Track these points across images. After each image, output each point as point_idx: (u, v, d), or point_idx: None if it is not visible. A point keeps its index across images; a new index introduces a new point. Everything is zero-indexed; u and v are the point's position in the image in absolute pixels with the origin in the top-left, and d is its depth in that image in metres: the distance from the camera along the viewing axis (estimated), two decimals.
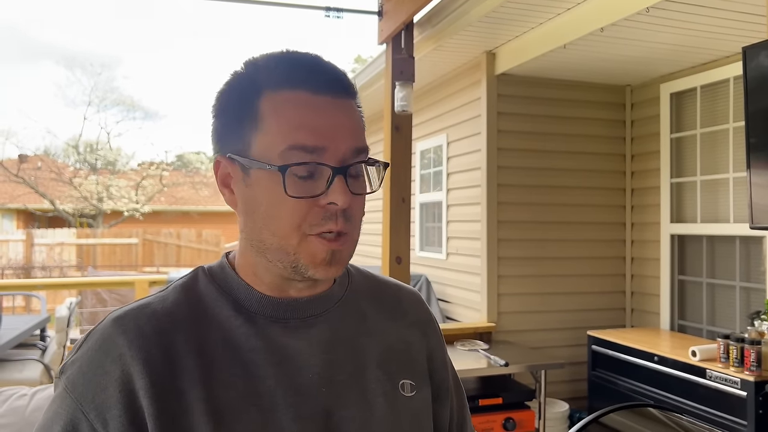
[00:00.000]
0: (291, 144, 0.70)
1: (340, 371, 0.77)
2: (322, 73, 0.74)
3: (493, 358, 3.28)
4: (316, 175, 0.71)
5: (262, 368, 0.73)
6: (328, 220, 0.71)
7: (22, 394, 1.78)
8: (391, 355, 0.83)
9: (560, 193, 4.14)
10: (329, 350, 0.77)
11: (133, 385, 0.67)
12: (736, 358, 2.79)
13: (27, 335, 4.24)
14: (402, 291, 0.93)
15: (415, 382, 0.84)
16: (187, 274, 0.80)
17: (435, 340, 0.91)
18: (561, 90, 4.14)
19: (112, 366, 0.68)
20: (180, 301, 0.75)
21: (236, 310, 0.76)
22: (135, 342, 0.69)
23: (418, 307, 0.92)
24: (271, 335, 0.75)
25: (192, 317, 0.74)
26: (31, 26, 39.82)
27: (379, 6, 3.55)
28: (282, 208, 0.71)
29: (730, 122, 3.50)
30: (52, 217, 18.52)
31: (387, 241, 3.43)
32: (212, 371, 0.70)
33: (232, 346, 0.73)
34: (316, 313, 0.79)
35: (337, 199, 0.71)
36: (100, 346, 0.70)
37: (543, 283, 4.09)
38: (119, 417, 0.66)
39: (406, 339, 0.87)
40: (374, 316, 0.85)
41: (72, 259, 14.81)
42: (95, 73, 29.49)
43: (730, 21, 2.96)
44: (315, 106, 0.72)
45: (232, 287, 0.78)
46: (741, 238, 3.46)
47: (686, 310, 3.86)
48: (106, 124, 30.52)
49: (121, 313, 0.72)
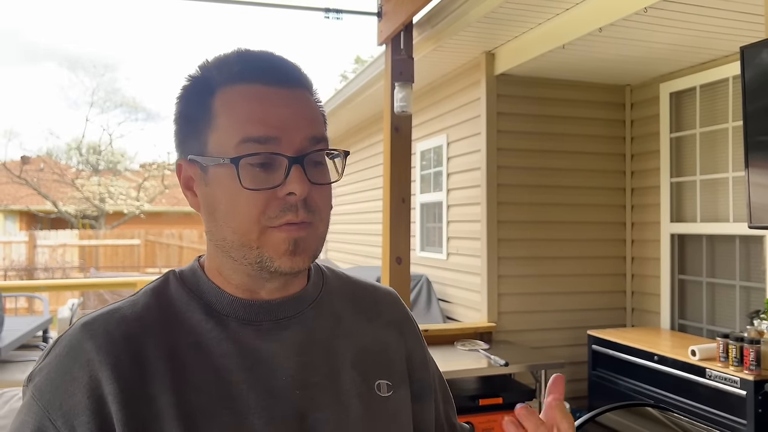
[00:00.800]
0: (243, 137, 0.69)
1: (314, 373, 0.76)
2: (272, 65, 0.74)
3: (493, 358, 3.28)
4: (273, 166, 0.70)
5: (234, 372, 0.71)
6: (287, 211, 0.70)
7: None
8: (367, 356, 0.82)
9: (560, 192, 4.14)
10: (303, 352, 0.76)
11: (102, 390, 0.66)
12: (736, 358, 2.79)
13: (29, 336, 4.26)
14: (378, 291, 0.92)
15: (392, 382, 0.83)
16: (158, 278, 0.79)
17: (413, 339, 0.91)
18: (560, 90, 4.14)
19: (80, 372, 0.66)
20: (150, 305, 0.74)
21: (207, 314, 0.74)
22: (103, 347, 0.67)
23: (394, 306, 0.91)
24: (243, 338, 0.74)
25: (162, 321, 0.73)
26: (33, 28, 39.91)
27: (379, 7, 3.56)
28: (239, 202, 0.70)
29: (729, 122, 3.50)
30: (54, 219, 18.56)
31: (387, 241, 3.43)
32: (183, 376, 0.69)
33: (203, 350, 0.72)
34: (289, 315, 0.77)
35: (295, 189, 0.69)
36: (67, 352, 0.68)
37: (543, 283, 4.09)
38: (87, 423, 0.65)
39: (383, 339, 0.86)
40: (349, 317, 0.84)
41: (74, 260, 14.84)
42: (98, 74, 29.64)
43: (729, 21, 2.97)
44: (266, 98, 0.71)
45: (203, 290, 0.76)
46: (741, 238, 3.47)
47: (686, 310, 3.86)
48: (108, 125, 30.61)
49: (90, 319, 0.71)
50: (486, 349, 3.56)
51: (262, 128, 0.70)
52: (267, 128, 0.70)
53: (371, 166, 6.55)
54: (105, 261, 15.09)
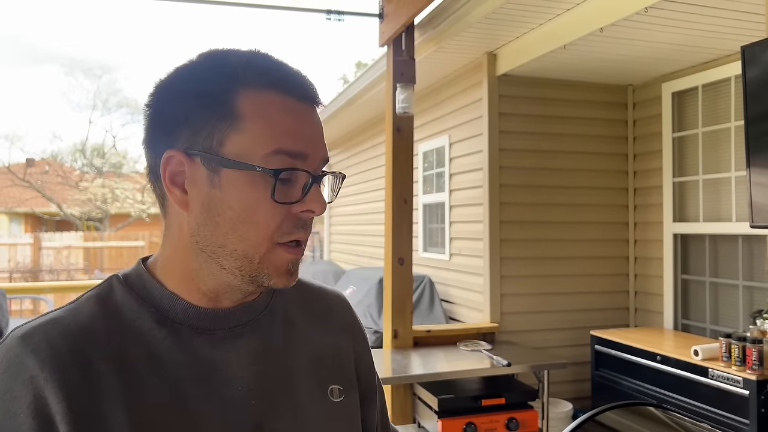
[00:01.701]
0: (278, 148, 0.67)
1: (270, 382, 0.75)
2: (302, 80, 0.74)
3: (495, 359, 3.28)
4: (293, 181, 0.70)
5: (188, 384, 0.69)
6: (299, 228, 0.70)
7: None
8: (321, 362, 0.82)
9: (562, 193, 4.14)
10: (258, 361, 0.75)
11: (49, 409, 0.61)
12: (738, 357, 2.79)
13: None
14: (328, 296, 0.91)
15: (343, 387, 0.83)
16: (100, 284, 0.74)
17: (361, 344, 0.91)
18: (562, 90, 4.14)
19: (21, 390, 0.61)
20: (95, 313, 0.69)
21: (158, 322, 0.70)
22: (48, 362, 0.62)
23: (344, 312, 0.91)
24: (197, 348, 0.71)
25: (110, 331, 0.68)
26: (34, 32, 40.07)
27: (380, 8, 3.57)
28: (258, 213, 0.68)
29: (731, 121, 3.49)
30: (59, 221, 18.63)
31: (389, 242, 3.44)
32: (135, 391, 0.65)
33: (155, 361, 0.68)
34: (243, 322, 0.75)
35: (316, 208, 0.70)
36: (5, 369, 0.62)
37: (546, 283, 4.09)
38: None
39: (335, 344, 0.86)
40: (302, 323, 0.83)
41: (79, 262, 14.89)
42: (98, 76, 29.70)
43: (730, 20, 2.97)
44: (301, 114, 0.71)
45: (154, 297, 0.72)
46: (744, 237, 3.46)
47: (689, 310, 3.86)
48: (111, 127, 30.76)
49: (28, 330, 0.65)
50: (489, 350, 3.56)
51: (296, 142, 0.69)
52: (300, 143, 0.70)
53: (373, 167, 6.56)
54: (109, 263, 15.14)
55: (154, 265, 0.75)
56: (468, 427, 3.03)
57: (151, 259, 0.77)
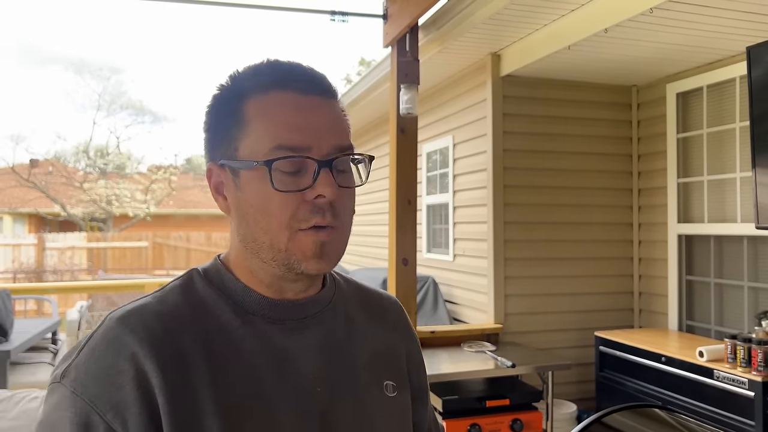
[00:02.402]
0: (278, 143, 0.72)
1: (333, 372, 0.79)
2: (305, 75, 0.77)
3: (500, 360, 3.28)
4: (303, 170, 0.73)
5: (263, 370, 0.74)
6: (315, 213, 0.73)
7: (34, 396, 1.81)
8: (377, 358, 0.87)
9: (566, 193, 4.14)
10: (323, 351, 0.80)
11: (149, 383, 0.67)
12: (744, 359, 2.78)
13: (39, 338, 4.29)
14: (384, 298, 0.97)
15: (397, 383, 0.88)
16: (182, 276, 0.81)
17: (412, 345, 0.97)
18: (566, 91, 4.14)
19: (125, 365, 0.67)
20: (179, 302, 0.75)
21: (235, 312, 0.77)
22: (146, 341, 0.69)
23: (399, 314, 0.97)
24: (270, 337, 0.77)
25: (194, 319, 0.74)
26: (40, 33, 40.19)
27: (384, 9, 3.57)
28: (271, 205, 0.72)
29: (736, 122, 3.48)
30: (62, 221, 18.67)
31: (393, 243, 3.44)
32: (218, 371, 0.71)
33: (234, 347, 0.74)
34: (310, 314, 0.81)
35: (325, 191, 0.72)
36: (107, 346, 0.69)
37: (550, 284, 4.09)
38: (139, 414, 0.66)
39: (389, 343, 0.91)
40: (360, 320, 0.89)
41: (83, 262, 14.93)
42: (104, 77, 29.82)
43: (735, 21, 2.96)
44: (301, 106, 0.74)
45: (230, 289, 0.78)
46: (749, 238, 3.45)
47: (694, 311, 3.85)
48: (115, 128, 30.81)
49: (124, 313, 0.72)
50: (493, 351, 3.56)
51: (295, 136, 0.73)
52: (300, 136, 0.73)
53: (377, 168, 6.56)
54: (113, 263, 15.17)
55: (227, 260, 0.82)
56: (472, 428, 3.03)
57: (223, 255, 0.84)
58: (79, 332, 4.45)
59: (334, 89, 0.80)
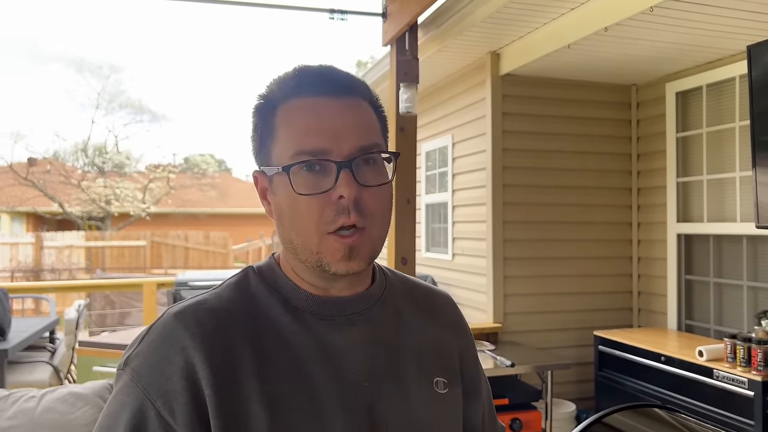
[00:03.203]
0: (297, 149, 0.75)
1: (380, 367, 0.81)
2: (324, 77, 0.79)
3: (499, 359, 3.28)
4: (325, 173, 0.75)
5: (310, 363, 0.76)
6: (340, 214, 0.74)
7: (31, 396, 1.80)
8: (426, 354, 0.87)
9: (566, 193, 4.13)
10: (370, 347, 0.82)
11: (197, 375, 0.71)
12: (743, 358, 2.78)
13: (36, 337, 4.27)
14: (435, 294, 0.98)
15: (448, 379, 0.88)
16: (237, 273, 0.85)
17: (466, 340, 0.96)
18: (566, 90, 4.13)
19: (176, 357, 0.71)
20: (234, 298, 0.79)
21: (285, 308, 0.80)
22: (197, 335, 0.73)
23: (450, 309, 0.97)
24: (318, 332, 0.79)
25: (246, 314, 0.78)
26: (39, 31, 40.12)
27: (383, 8, 3.55)
28: (299, 208, 0.76)
29: (736, 121, 3.48)
30: (61, 220, 18.64)
31: (392, 242, 3.43)
32: (266, 365, 0.75)
33: (283, 341, 0.77)
34: (359, 311, 0.82)
35: (344, 191, 0.73)
36: (163, 339, 0.73)
37: (549, 284, 4.08)
38: (186, 404, 0.70)
39: (440, 339, 0.91)
40: (410, 316, 0.89)
41: (81, 261, 14.90)
42: (103, 76, 29.74)
43: (735, 19, 2.95)
44: (318, 110, 0.76)
45: (281, 286, 0.82)
46: (748, 237, 3.45)
47: (693, 310, 3.84)
48: (113, 127, 30.71)
49: (180, 309, 0.76)
50: (492, 350, 3.55)
51: (314, 140, 0.75)
52: (319, 140, 0.75)
53: None
54: (111, 262, 15.14)
55: (279, 259, 0.86)
56: None
57: (277, 253, 0.87)
58: (77, 331, 4.43)
59: (361, 87, 0.81)
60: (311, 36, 55.98)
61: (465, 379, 0.93)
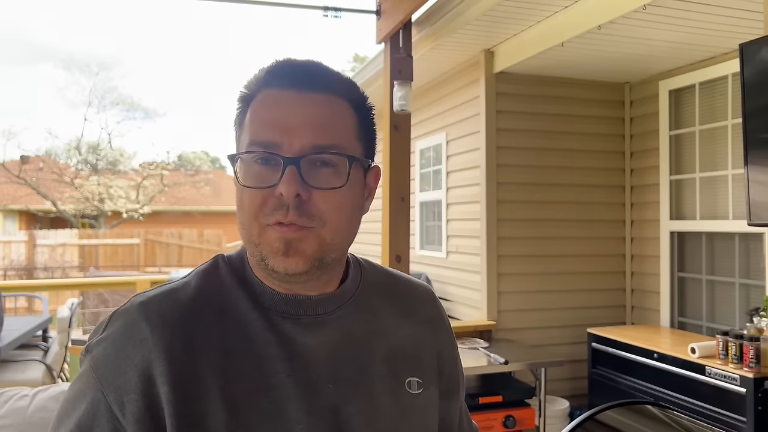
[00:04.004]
0: (251, 140, 0.73)
1: (346, 368, 0.78)
2: (294, 71, 0.76)
3: (493, 356, 3.28)
4: (275, 166, 0.72)
5: (274, 362, 0.74)
6: (278, 210, 0.71)
7: (24, 394, 1.79)
8: (399, 353, 0.84)
9: (560, 190, 4.14)
10: (338, 348, 0.79)
11: (152, 371, 0.69)
12: (735, 355, 2.79)
13: (29, 336, 4.26)
14: (414, 287, 0.93)
15: (423, 379, 0.84)
16: (208, 261, 0.82)
17: (445, 336, 0.93)
18: (560, 88, 4.14)
19: (133, 350, 0.69)
20: (202, 287, 0.77)
21: (252, 303, 0.77)
22: (158, 329, 0.70)
23: (430, 304, 0.93)
24: (284, 331, 0.76)
25: (212, 307, 0.75)
26: (29, 28, 39.85)
27: (377, 5, 3.55)
28: (243, 199, 0.74)
29: (728, 119, 3.50)
30: (54, 218, 18.55)
31: (387, 239, 3.43)
32: (229, 361, 0.72)
33: (248, 338, 0.74)
34: (328, 311, 0.79)
35: (283, 189, 0.70)
36: (123, 329, 0.71)
37: (543, 281, 4.09)
38: (136, 401, 0.68)
39: (417, 336, 0.87)
40: (385, 313, 0.86)
41: (74, 259, 14.84)
42: (93, 73, 29.57)
43: (728, 18, 2.96)
44: (277, 102, 0.74)
45: (249, 280, 0.79)
46: (740, 235, 3.47)
47: (686, 307, 3.86)
48: (106, 124, 30.62)
49: (146, 299, 0.74)
50: (486, 348, 3.56)
51: (265, 132, 0.73)
52: (270, 132, 0.72)
53: None
54: (105, 260, 15.09)
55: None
56: None
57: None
58: (70, 330, 4.41)
59: (338, 84, 0.77)
60: (307, 32, 55.87)
61: (443, 378, 0.89)
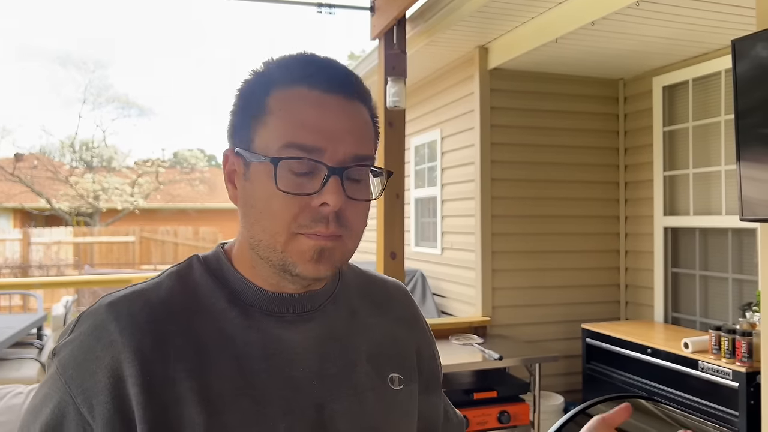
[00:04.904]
0: (290, 140, 0.69)
1: (330, 366, 0.77)
2: (335, 73, 0.74)
3: (487, 352, 3.29)
4: (314, 174, 0.70)
5: (255, 361, 0.72)
6: (318, 222, 0.70)
7: (18, 392, 1.79)
8: (380, 350, 0.84)
9: (554, 187, 4.15)
10: (321, 345, 0.78)
11: (122, 372, 0.66)
12: (728, 350, 2.81)
13: (24, 334, 4.25)
14: (389, 286, 0.94)
15: (403, 376, 0.85)
16: (182, 262, 0.79)
17: (421, 333, 0.93)
18: (554, 84, 4.14)
19: (102, 352, 0.67)
20: (174, 289, 0.74)
21: (231, 303, 0.75)
22: (127, 329, 0.68)
23: (405, 302, 0.94)
24: (267, 329, 0.75)
25: (186, 307, 0.73)
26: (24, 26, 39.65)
27: (371, 1, 3.55)
28: (274, 204, 0.70)
29: (721, 115, 3.51)
30: (48, 216, 18.49)
31: (381, 236, 3.44)
32: (205, 362, 0.70)
33: (226, 337, 0.72)
34: (311, 308, 0.79)
35: (330, 200, 0.68)
36: (91, 331, 0.69)
37: (537, 277, 4.10)
38: (105, 404, 0.66)
39: (395, 334, 0.87)
40: (364, 312, 0.86)
41: (69, 257, 14.79)
42: (89, 71, 29.46)
43: (721, 14, 2.97)
44: (323, 105, 0.71)
45: (228, 279, 0.77)
46: (733, 230, 3.48)
47: (680, 303, 3.88)
48: (101, 122, 30.48)
49: (115, 299, 0.71)
50: (480, 343, 3.57)
51: (310, 136, 0.69)
52: (314, 137, 0.69)
53: None
54: (100, 258, 15.06)
55: (230, 250, 0.80)
56: None
57: (228, 244, 0.81)
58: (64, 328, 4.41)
59: (367, 94, 0.76)
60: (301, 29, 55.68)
61: (423, 373, 0.89)
